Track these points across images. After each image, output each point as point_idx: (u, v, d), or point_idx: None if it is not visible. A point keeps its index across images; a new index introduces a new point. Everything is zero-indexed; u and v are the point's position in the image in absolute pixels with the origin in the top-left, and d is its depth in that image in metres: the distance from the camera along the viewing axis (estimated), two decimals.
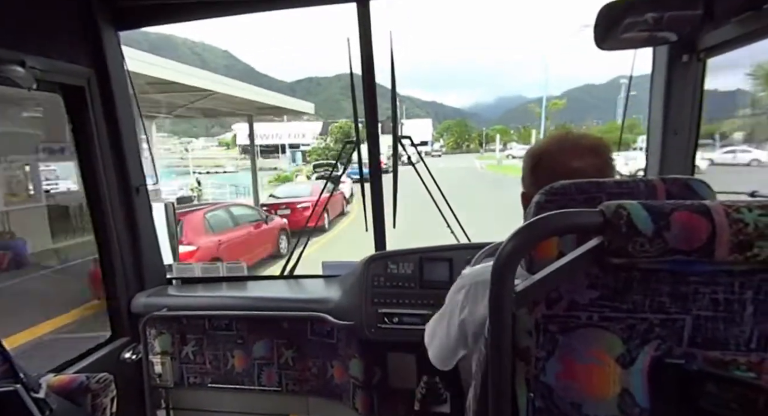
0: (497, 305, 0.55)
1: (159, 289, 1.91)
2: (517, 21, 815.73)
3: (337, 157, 1.99)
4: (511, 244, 0.53)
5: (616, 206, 0.51)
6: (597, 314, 0.56)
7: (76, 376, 1.24)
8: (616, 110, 16.05)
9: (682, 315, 0.55)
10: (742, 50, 1.24)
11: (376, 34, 1.63)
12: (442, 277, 1.64)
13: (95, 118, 1.60)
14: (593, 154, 0.79)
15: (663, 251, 0.49)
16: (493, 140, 77.68)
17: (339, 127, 41.96)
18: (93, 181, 1.66)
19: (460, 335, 0.86)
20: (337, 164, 2.34)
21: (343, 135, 37.50)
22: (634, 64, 1.50)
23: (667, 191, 0.64)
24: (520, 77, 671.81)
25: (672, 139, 1.47)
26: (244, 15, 1.74)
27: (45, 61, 1.35)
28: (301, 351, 1.77)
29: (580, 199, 0.64)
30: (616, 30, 1.21)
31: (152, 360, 1.84)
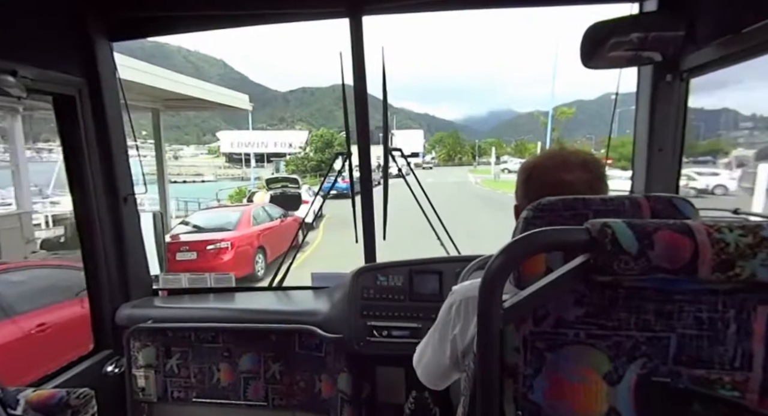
0: (485, 321, 0.56)
1: (144, 300, 1.88)
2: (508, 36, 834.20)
3: (316, 167, 2.00)
4: (499, 260, 0.54)
5: (601, 224, 0.52)
6: (584, 331, 0.57)
7: (55, 391, 1.20)
8: (607, 126, 16.26)
9: (667, 333, 0.56)
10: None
11: (371, 47, 1.66)
12: (432, 290, 1.63)
13: (85, 127, 1.59)
14: (583, 169, 0.81)
15: (647, 269, 0.50)
16: (486, 153, 75.68)
17: (319, 135, 39.08)
18: (81, 190, 1.64)
19: (452, 353, 0.86)
20: (327, 177, 2.31)
21: (324, 144, 36.07)
22: (620, 82, 1.54)
23: (652, 209, 0.65)
24: (510, 92, 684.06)
25: (657, 156, 1.50)
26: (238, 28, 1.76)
27: (37, 70, 1.34)
28: (289, 364, 1.74)
29: (568, 215, 0.65)
30: (603, 49, 1.25)
31: (135, 374, 1.79)
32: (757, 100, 15.75)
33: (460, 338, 0.83)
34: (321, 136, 38.70)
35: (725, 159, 14.48)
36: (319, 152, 35.81)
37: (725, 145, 16.00)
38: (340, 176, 2.03)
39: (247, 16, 1.69)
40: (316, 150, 36.81)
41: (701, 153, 15.73)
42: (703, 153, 15.78)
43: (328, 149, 35.47)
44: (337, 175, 2.01)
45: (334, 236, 2.70)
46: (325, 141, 37.54)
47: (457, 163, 72.20)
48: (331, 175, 2.09)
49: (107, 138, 1.66)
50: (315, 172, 31.81)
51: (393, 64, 1.75)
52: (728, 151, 15.34)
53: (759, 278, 0.49)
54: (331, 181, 2.41)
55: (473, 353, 0.71)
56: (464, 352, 0.82)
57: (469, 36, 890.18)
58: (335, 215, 11.38)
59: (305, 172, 33.46)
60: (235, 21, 1.72)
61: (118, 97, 1.71)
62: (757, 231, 0.50)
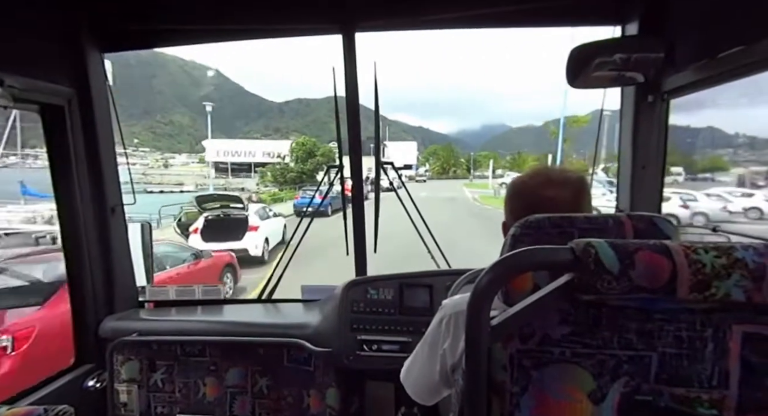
0: (473, 338, 0.57)
1: (130, 313, 1.84)
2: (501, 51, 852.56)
3: (297, 179, 2.01)
4: (486, 279, 0.55)
5: (585, 244, 0.53)
6: (569, 350, 0.58)
7: (32, 409, 1.17)
8: (599, 142, 15.19)
9: (649, 352, 0.57)
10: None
11: (365, 60, 1.69)
12: (422, 303, 1.63)
13: (74, 138, 1.58)
14: (566, 185, 0.84)
15: (629, 289, 0.51)
16: (481, 166, 74.68)
17: (301, 144, 35.48)
18: (67, 200, 1.62)
19: (442, 368, 0.86)
20: (307, 190, 2.29)
21: (306, 154, 33.54)
22: (605, 101, 1.58)
23: (635, 227, 0.67)
24: (504, 106, 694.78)
25: (641, 174, 1.54)
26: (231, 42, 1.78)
27: (25, 80, 1.34)
28: (277, 379, 1.71)
29: (554, 233, 0.66)
30: (588, 69, 1.29)
31: (117, 389, 1.75)
32: (738, 118, 16.06)
33: (450, 353, 0.83)
34: (303, 144, 35.64)
35: (725, 176, 14.37)
36: (300, 162, 33.81)
37: (724, 163, 16.08)
38: (330, 189, 2.03)
39: (239, 30, 1.72)
40: (297, 160, 34.46)
41: (700, 170, 15.79)
42: (703, 170, 15.85)
43: (310, 159, 33.62)
44: (328, 187, 2.01)
45: (293, 274, 2.05)
46: (307, 150, 34.68)
47: (452, 176, 70.79)
48: (322, 188, 2.08)
49: (96, 148, 1.65)
50: (295, 184, 29.64)
51: (388, 77, 1.79)
52: (727, 168, 15.45)
53: (733, 298, 0.51)
54: (319, 193, 2.38)
55: (462, 369, 0.71)
56: (453, 367, 0.82)
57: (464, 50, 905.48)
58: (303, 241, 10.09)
59: (284, 184, 31.10)
60: (228, 35, 1.75)
61: (109, 107, 1.71)
62: (731, 253, 0.51)
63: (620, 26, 1.52)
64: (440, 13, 1.56)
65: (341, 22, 1.60)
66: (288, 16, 1.62)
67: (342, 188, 2.02)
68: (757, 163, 14.42)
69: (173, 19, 1.64)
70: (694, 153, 15.35)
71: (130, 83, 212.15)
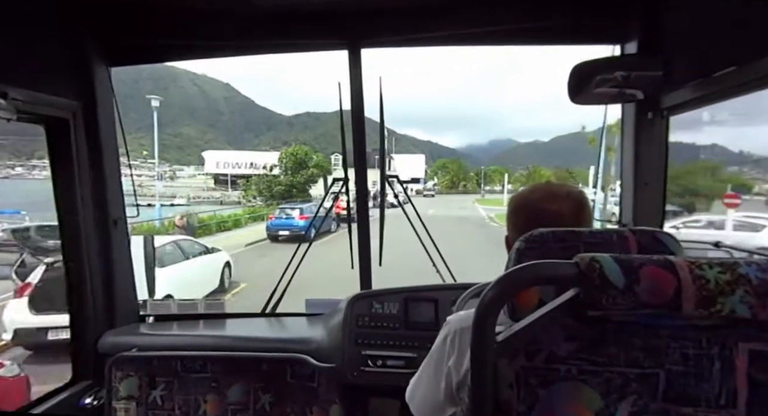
0: (478, 354, 0.56)
1: (130, 327, 1.83)
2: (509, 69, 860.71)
3: (285, 193, 1.99)
4: (491, 294, 0.55)
5: (589, 259, 0.53)
6: (576, 367, 0.57)
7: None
8: (600, 159, 14.33)
9: (656, 370, 0.55)
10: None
11: (373, 75, 1.72)
12: (428, 318, 1.62)
13: (78, 150, 1.59)
14: (568, 199, 0.85)
15: (634, 304, 0.50)
16: (492, 180, 73.11)
17: (291, 153, 30.87)
18: (70, 213, 1.62)
19: (447, 386, 0.84)
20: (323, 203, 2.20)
21: (296, 164, 29.48)
22: (606, 117, 1.59)
23: (638, 242, 0.67)
24: (511, 122, 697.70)
25: (643, 190, 1.53)
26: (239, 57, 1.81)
27: (29, 92, 1.34)
28: (280, 395, 1.68)
29: (558, 247, 0.66)
30: (589, 85, 1.30)
31: (115, 406, 1.71)
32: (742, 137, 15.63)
33: (455, 370, 0.81)
34: (293, 154, 30.77)
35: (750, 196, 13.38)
36: (289, 174, 29.52)
37: (744, 180, 15.62)
38: (335, 202, 2.03)
39: (248, 45, 1.74)
40: (286, 171, 29.84)
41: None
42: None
43: (302, 170, 29.50)
44: (334, 199, 2.01)
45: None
46: (298, 160, 29.99)
47: (461, 191, 68.52)
48: (328, 201, 2.07)
49: (100, 161, 1.66)
50: (283, 198, 25.83)
51: (397, 91, 1.80)
52: (750, 186, 15.02)
53: (738, 314, 0.50)
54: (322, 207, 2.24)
55: (468, 387, 0.70)
56: (458, 386, 0.81)
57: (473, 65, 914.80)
58: (256, 280, 7.96)
59: (271, 198, 27.36)
60: (236, 50, 1.77)
61: (114, 120, 1.73)
62: (735, 269, 0.51)
63: (620, 45, 1.54)
64: (444, 30, 1.58)
65: (347, 38, 1.63)
66: (295, 32, 1.65)
67: (332, 206, 2.01)
68: None
69: (180, 34, 1.67)
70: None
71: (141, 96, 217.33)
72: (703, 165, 16.68)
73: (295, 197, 26.30)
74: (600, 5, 1.50)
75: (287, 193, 27.88)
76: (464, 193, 62.84)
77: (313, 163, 30.67)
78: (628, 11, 1.47)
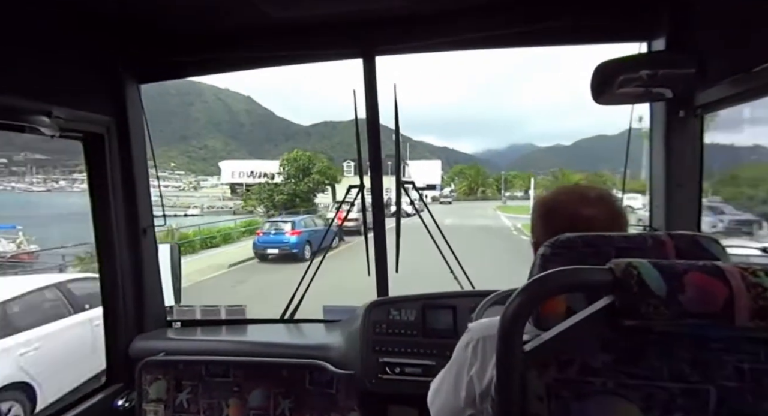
0: (505, 365, 0.53)
1: (158, 332, 1.89)
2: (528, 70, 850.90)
3: (288, 202, 2.00)
4: (518, 301, 0.52)
5: (626, 264, 0.50)
6: (612, 380, 0.53)
7: None
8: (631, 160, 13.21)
9: (706, 385, 0.52)
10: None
11: (388, 81, 1.73)
12: (446, 325, 1.59)
13: (111, 163, 1.68)
14: (602, 203, 0.81)
15: (679, 314, 0.47)
16: (513, 186, 69.18)
17: (293, 158, 27.85)
18: (104, 223, 1.70)
19: (468, 395, 0.82)
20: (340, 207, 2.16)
21: (298, 170, 26.96)
22: (632, 117, 1.54)
23: (676, 247, 0.62)
24: (530, 126, 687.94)
25: (676, 193, 1.47)
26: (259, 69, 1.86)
27: (69, 111, 1.44)
28: (299, 401, 1.69)
29: (588, 252, 0.62)
30: (612, 85, 1.26)
31: (146, 409, 1.77)
32: None
33: (477, 380, 0.79)
34: (294, 160, 27.71)
35: None
36: (292, 182, 26.95)
37: None
38: (352, 208, 2.03)
39: (267, 58, 1.79)
40: (288, 178, 27.26)
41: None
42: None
43: (306, 177, 26.96)
44: (349, 207, 2.01)
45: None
46: (301, 167, 27.19)
47: (480, 197, 63.78)
48: (331, 211, 2.07)
49: (131, 172, 1.74)
50: (286, 208, 24.02)
51: (412, 98, 1.79)
52: None
53: None
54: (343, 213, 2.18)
55: (491, 397, 0.67)
56: (482, 396, 0.78)
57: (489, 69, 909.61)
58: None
59: (273, 208, 25.22)
60: (256, 63, 1.83)
61: (144, 134, 1.81)
62: None
63: (646, 43, 1.50)
64: (460, 34, 1.58)
65: (361, 46, 1.65)
66: (310, 43, 1.69)
67: (363, 207, 2.01)
68: None
69: (203, 50, 1.74)
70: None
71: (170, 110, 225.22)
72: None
73: (298, 207, 24.53)
74: (625, 3, 1.47)
75: (290, 203, 25.70)
76: (483, 200, 58.82)
77: (316, 169, 27.78)
78: (655, 8, 1.43)
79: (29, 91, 1.32)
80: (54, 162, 57.12)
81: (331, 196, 28.01)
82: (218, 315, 2.01)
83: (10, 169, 43.06)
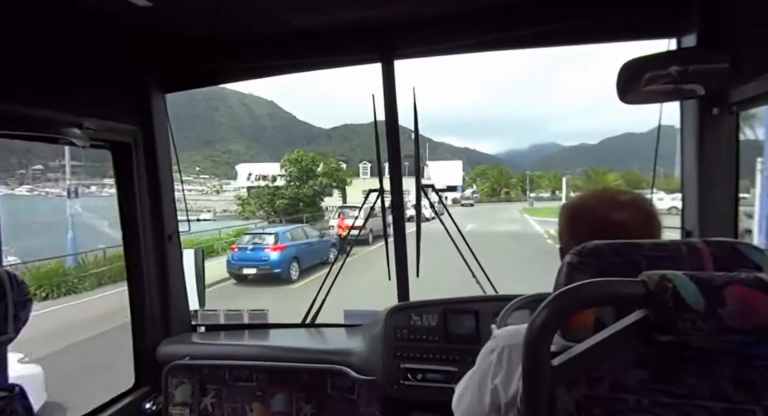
0: (532, 380, 0.51)
1: (183, 336, 1.93)
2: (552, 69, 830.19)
3: (290, 208, 2.00)
4: (545, 313, 0.50)
5: (659, 277, 0.47)
6: (647, 398, 0.51)
7: None
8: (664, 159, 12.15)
9: (751, 406, 0.49)
10: None
11: (407, 84, 1.73)
12: (468, 331, 1.57)
13: (138, 171, 1.74)
14: (633, 207, 0.77)
15: (719, 329, 0.45)
16: (539, 186, 66.44)
17: (295, 160, 25.05)
18: (132, 229, 1.76)
19: (493, 404, 0.80)
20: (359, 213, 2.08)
21: (301, 172, 24.46)
22: (662, 115, 1.47)
23: (713, 256, 0.58)
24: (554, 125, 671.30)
25: (710, 194, 1.39)
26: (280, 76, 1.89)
27: (98, 122, 1.50)
28: (321, 406, 1.69)
29: (617, 261, 0.59)
30: (639, 84, 1.21)
31: (172, 412, 1.80)
32: None
33: (503, 389, 0.77)
34: (297, 160, 24.77)
35: None
36: (294, 184, 24.49)
37: None
38: (370, 213, 2.02)
39: (288, 65, 1.82)
40: (290, 181, 24.72)
41: None
42: None
43: (310, 180, 24.41)
44: (369, 212, 2.01)
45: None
46: (303, 168, 24.50)
47: (504, 198, 60.47)
48: (363, 214, 2.06)
49: (157, 180, 1.80)
50: (288, 214, 22.17)
51: (432, 99, 1.75)
52: None
53: None
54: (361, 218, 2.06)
55: (517, 409, 0.65)
56: (507, 405, 0.76)
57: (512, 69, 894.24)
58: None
59: (274, 214, 23.14)
60: (278, 69, 1.86)
61: (169, 142, 1.87)
62: None
63: (675, 39, 1.43)
64: (481, 36, 1.55)
65: (379, 51, 1.65)
66: (330, 48, 1.70)
67: (383, 212, 2.00)
68: None
69: (224, 59, 1.78)
70: None
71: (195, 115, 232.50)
72: None
73: (302, 212, 22.40)
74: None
75: (292, 208, 23.26)
76: (507, 201, 55.56)
77: (321, 170, 25.15)
78: (686, 3, 1.36)
79: (62, 105, 1.39)
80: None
81: (342, 199, 26.44)
82: (241, 319, 2.04)
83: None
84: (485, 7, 1.48)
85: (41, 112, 1.33)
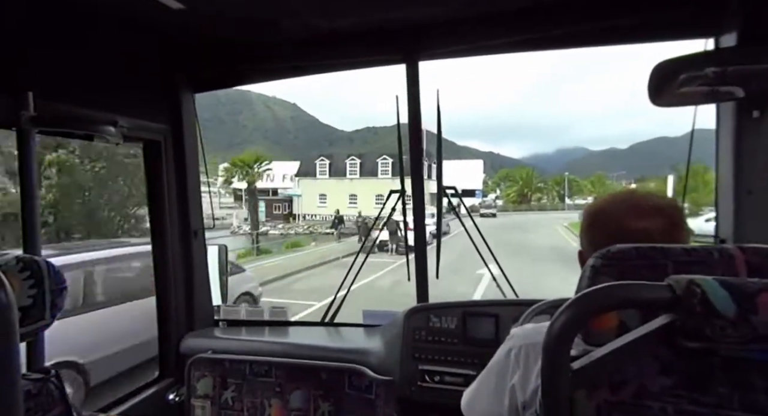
0: (551, 384, 0.50)
1: (206, 331, 1.97)
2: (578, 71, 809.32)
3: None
4: (566, 316, 0.49)
5: (687, 281, 0.45)
6: (672, 406, 0.49)
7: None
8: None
9: None
10: None
11: (431, 86, 1.72)
12: (488, 335, 1.55)
13: (167, 168, 1.80)
14: (659, 214, 0.72)
15: (751, 338, 0.43)
16: (580, 192, 54.57)
17: (241, 162, 25.36)
18: (160, 225, 1.82)
19: (511, 403, 0.78)
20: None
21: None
22: (695, 119, 1.41)
23: (747, 263, 0.55)
24: (581, 129, 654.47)
25: (746, 200, 1.33)
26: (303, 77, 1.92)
27: (131, 120, 1.57)
28: (338, 405, 1.70)
29: (642, 265, 0.57)
30: (672, 85, 1.17)
31: (194, 404, 1.85)
32: None
33: (520, 388, 0.75)
34: (242, 162, 24.36)
35: None
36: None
37: None
38: (392, 214, 2.02)
39: (312, 66, 1.85)
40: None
41: None
42: None
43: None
44: (390, 213, 2.01)
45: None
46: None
47: (535, 207, 49.46)
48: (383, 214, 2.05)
49: (185, 177, 1.85)
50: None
51: (456, 103, 1.73)
52: None
53: None
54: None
55: (536, 410, 0.64)
56: (525, 405, 0.75)
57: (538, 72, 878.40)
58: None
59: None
60: (303, 70, 1.89)
61: (197, 141, 1.92)
62: None
63: (713, 39, 1.37)
64: (509, 36, 1.52)
65: (403, 52, 1.65)
66: (353, 50, 1.71)
67: (404, 213, 1.95)
68: None
69: (251, 60, 1.83)
70: None
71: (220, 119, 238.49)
72: None
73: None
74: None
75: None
76: (540, 210, 45.12)
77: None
78: (723, 1, 1.30)
79: (99, 104, 1.45)
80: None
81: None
82: (261, 316, 2.08)
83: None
84: (512, 7, 1.46)
85: (82, 110, 1.40)
